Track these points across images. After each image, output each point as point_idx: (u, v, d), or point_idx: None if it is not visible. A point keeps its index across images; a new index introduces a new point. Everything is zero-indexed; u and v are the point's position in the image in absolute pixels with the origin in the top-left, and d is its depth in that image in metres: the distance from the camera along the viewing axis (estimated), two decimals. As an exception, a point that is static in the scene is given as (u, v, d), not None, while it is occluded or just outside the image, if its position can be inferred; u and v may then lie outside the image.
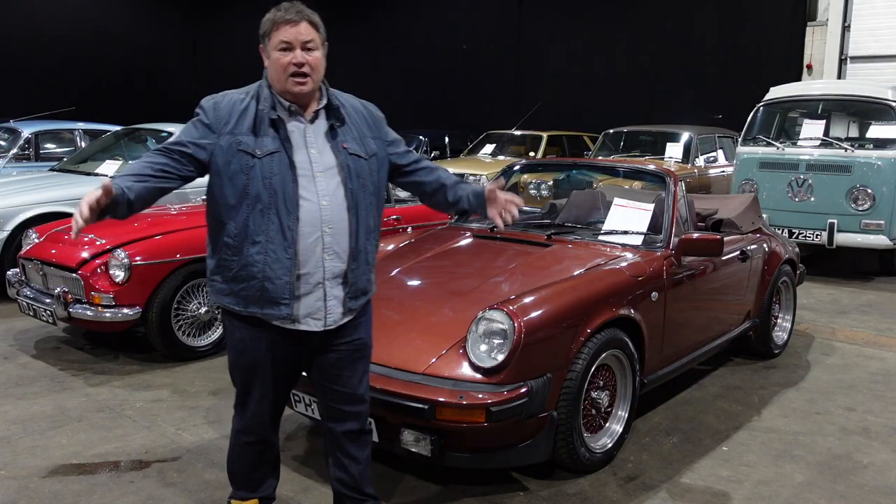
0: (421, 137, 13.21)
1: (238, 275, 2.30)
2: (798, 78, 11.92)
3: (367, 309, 2.53)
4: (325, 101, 2.38)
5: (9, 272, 5.24)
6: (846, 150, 7.52)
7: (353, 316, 2.43)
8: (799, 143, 8.00)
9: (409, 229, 5.73)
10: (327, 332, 2.38)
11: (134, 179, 2.18)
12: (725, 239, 4.07)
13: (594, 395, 3.29)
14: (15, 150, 8.69)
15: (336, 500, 2.65)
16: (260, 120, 2.28)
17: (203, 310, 4.79)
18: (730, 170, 9.12)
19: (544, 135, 11.96)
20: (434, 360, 2.98)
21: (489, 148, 11.95)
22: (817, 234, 7.55)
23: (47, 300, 4.75)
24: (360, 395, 2.53)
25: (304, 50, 2.27)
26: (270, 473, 2.65)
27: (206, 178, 2.35)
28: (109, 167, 6.90)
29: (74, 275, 4.59)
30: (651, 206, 4.08)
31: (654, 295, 3.62)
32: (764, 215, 5.49)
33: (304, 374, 2.56)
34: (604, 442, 3.37)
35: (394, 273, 3.77)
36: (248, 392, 2.46)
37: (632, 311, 3.43)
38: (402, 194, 6.15)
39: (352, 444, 2.55)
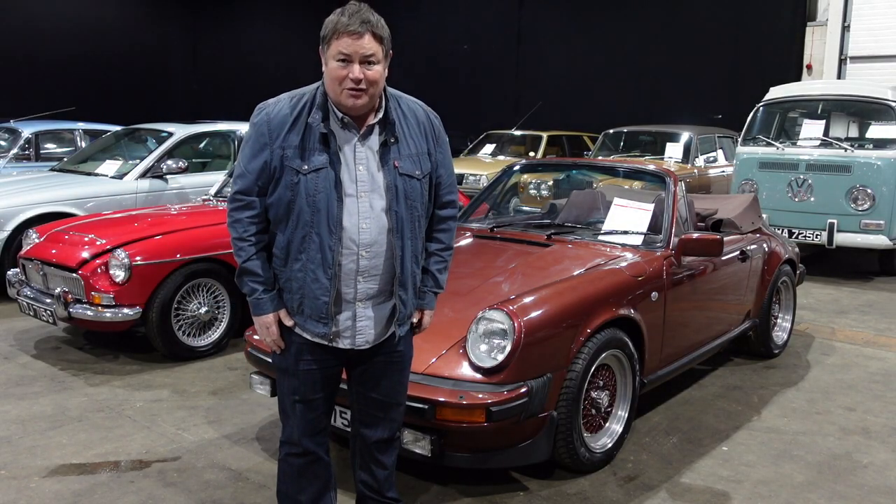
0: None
1: (284, 286, 2.26)
2: (798, 78, 11.92)
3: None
4: (380, 115, 2.23)
5: (9, 272, 5.25)
6: (846, 150, 7.52)
7: (391, 335, 2.35)
8: (799, 143, 8.00)
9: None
10: (360, 349, 2.31)
11: (257, 265, 2.21)
12: (725, 239, 4.07)
13: (594, 395, 3.29)
14: (15, 150, 8.70)
15: (358, 501, 2.62)
16: (310, 133, 2.17)
17: (203, 310, 4.79)
18: (730, 170, 9.12)
19: (544, 135, 11.95)
20: (434, 359, 2.98)
21: (489, 148, 11.95)
22: (817, 234, 7.55)
23: (47, 300, 4.76)
24: (395, 402, 2.47)
25: (364, 64, 2.11)
26: (319, 499, 2.48)
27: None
28: (109, 167, 6.90)
29: (74, 275, 4.59)
30: (651, 206, 4.08)
31: (654, 295, 3.62)
32: (764, 215, 5.49)
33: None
34: (604, 442, 3.38)
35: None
36: (287, 398, 2.39)
37: (632, 311, 3.43)
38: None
39: (381, 452, 2.51)
